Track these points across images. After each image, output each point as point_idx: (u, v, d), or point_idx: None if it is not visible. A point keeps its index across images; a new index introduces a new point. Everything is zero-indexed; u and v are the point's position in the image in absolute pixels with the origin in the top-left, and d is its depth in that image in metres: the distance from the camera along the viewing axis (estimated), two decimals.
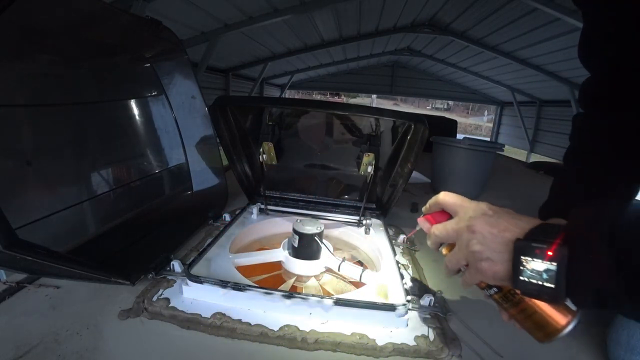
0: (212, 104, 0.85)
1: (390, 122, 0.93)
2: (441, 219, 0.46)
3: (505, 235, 0.37)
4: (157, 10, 2.79)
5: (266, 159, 0.94)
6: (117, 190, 0.88)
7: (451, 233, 0.43)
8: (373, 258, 0.88)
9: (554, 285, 0.33)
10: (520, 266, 0.35)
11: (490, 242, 0.38)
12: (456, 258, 0.43)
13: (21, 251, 0.44)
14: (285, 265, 0.79)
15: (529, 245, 0.35)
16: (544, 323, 0.38)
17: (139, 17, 0.92)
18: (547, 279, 0.33)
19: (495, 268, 0.38)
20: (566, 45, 4.07)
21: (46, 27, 0.69)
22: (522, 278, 0.35)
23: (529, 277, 0.34)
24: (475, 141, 1.44)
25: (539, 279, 0.34)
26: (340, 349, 0.53)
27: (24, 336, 0.50)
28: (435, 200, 0.48)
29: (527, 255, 0.34)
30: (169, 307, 0.58)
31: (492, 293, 0.42)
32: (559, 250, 0.33)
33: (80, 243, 0.74)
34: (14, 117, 0.66)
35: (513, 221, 0.38)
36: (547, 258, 0.33)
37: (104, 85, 0.88)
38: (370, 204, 1.06)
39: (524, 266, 0.35)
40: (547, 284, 0.33)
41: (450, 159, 1.45)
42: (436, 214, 0.47)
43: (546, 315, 0.37)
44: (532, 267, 0.34)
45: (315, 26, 4.71)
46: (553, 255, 0.33)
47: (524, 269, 0.35)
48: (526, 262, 0.34)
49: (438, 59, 7.32)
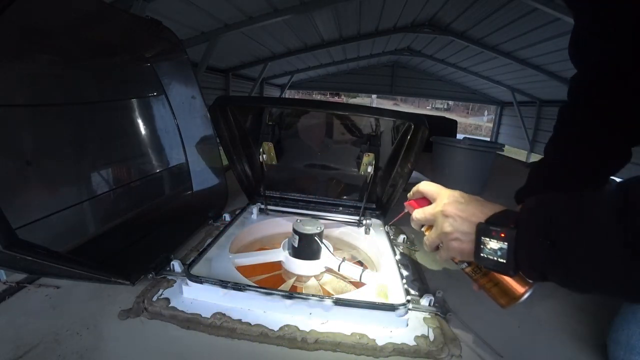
0: (212, 104, 0.85)
1: (390, 122, 0.93)
2: (423, 204, 0.54)
3: (472, 219, 0.44)
4: (157, 10, 2.79)
5: (266, 159, 0.94)
6: (117, 190, 0.88)
7: (429, 216, 0.51)
8: (373, 258, 0.88)
9: (505, 261, 0.40)
10: (481, 245, 0.42)
11: (459, 225, 0.46)
12: (432, 237, 0.51)
13: (21, 251, 0.44)
14: (285, 265, 0.79)
15: (487, 228, 0.42)
16: (505, 291, 0.46)
17: (139, 17, 0.92)
18: (500, 256, 0.41)
19: (463, 246, 0.46)
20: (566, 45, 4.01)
21: (46, 27, 0.69)
22: (482, 255, 0.43)
23: (487, 254, 0.42)
24: (475, 141, 1.44)
25: (494, 255, 0.41)
26: (340, 349, 0.53)
27: (24, 336, 0.50)
28: (417, 189, 0.56)
29: (486, 236, 0.42)
30: (169, 307, 0.58)
31: (464, 267, 0.51)
32: (509, 232, 0.40)
33: (80, 243, 0.74)
34: (14, 117, 0.66)
35: (480, 208, 0.45)
36: (500, 239, 0.41)
37: (104, 85, 0.88)
38: (370, 204, 1.06)
39: (484, 245, 0.42)
40: (500, 259, 0.41)
41: (450, 159, 1.45)
42: (419, 200, 0.56)
43: (507, 285, 0.46)
44: (490, 246, 0.42)
45: (315, 26, 4.71)
46: (504, 236, 0.40)
47: (483, 248, 0.42)
48: (486, 242, 0.42)
49: (438, 59, 7.31)
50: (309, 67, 7.74)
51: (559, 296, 0.76)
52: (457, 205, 0.47)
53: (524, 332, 0.62)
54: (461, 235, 0.46)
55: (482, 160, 1.42)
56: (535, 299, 0.74)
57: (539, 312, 0.69)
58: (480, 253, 0.43)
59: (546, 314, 0.68)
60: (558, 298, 0.75)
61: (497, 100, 9.08)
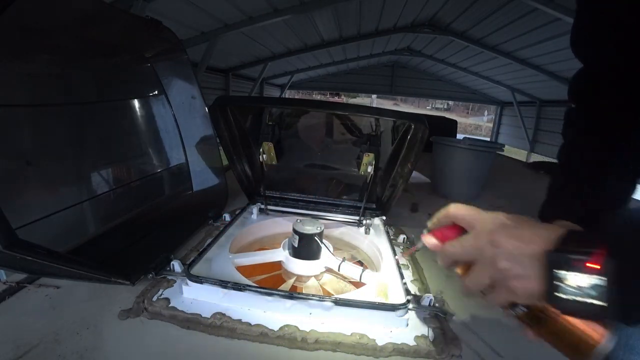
0: (212, 104, 0.85)
1: (390, 122, 0.93)
2: (450, 234, 0.41)
3: (533, 247, 0.33)
4: (157, 10, 2.79)
5: (266, 159, 0.94)
6: (117, 190, 0.88)
7: (469, 250, 0.39)
8: (373, 258, 0.88)
9: (605, 304, 0.29)
10: (557, 282, 0.31)
11: (518, 258, 0.34)
12: (480, 278, 0.38)
13: (21, 251, 0.44)
14: (285, 265, 0.79)
15: (566, 258, 0.31)
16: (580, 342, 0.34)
17: (139, 17, 0.92)
18: (595, 296, 0.30)
19: (529, 285, 0.34)
20: (566, 45, 4.00)
21: (46, 27, 0.69)
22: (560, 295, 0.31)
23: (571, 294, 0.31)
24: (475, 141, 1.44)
25: (584, 295, 0.30)
26: (340, 349, 0.53)
27: (24, 336, 0.50)
28: (445, 213, 0.42)
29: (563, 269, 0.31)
30: (169, 307, 0.58)
31: (519, 312, 0.38)
32: (608, 262, 0.29)
33: (80, 243, 0.74)
34: (14, 117, 0.66)
35: (535, 231, 0.35)
36: (591, 271, 0.30)
37: (104, 85, 0.88)
38: (370, 204, 1.06)
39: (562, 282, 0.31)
40: (595, 301, 0.30)
41: (451, 159, 1.45)
42: (444, 229, 0.42)
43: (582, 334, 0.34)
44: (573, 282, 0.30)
45: (315, 26, 4.71)
46: (601, 268, 0.29)
47: (561, 285, 0.31)
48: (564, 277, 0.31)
49: (438, 59, 7.31)
50: (309, 67, 7.74)
51: None
52: (509, 232, 0.35)
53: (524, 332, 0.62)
54: (524, 270, 0.34)
55: (482, 160, 1.42)
56: None
57: None
58: (556, 292, 0.31)
59: None
60: None
61: (497, 100, 9.07)
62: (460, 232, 0.40)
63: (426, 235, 0.43)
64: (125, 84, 0.95)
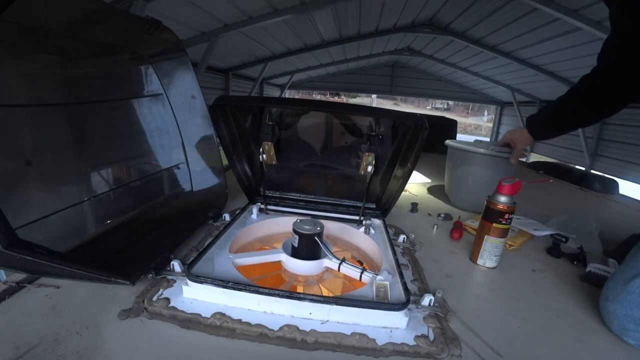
0: (212, 104, 0.85)
1: (390, 122, 0.93)
2: None
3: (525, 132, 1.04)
4: (157, 10, 2.79)
5: (266, 159, 0.94)
6: (117, 190, 0.88)
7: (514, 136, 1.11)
8: (373, 258, 0.88)
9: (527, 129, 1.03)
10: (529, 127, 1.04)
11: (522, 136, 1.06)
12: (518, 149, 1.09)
13: (21, 251, 0.44)
14: (285, 265, 0.79)
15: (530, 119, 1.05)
16: None
17: (139, 17, 0.92)
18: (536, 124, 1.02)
19: (526, 138, 1.04)
20: (566, 45, 4.07)
21: (46, 27, 0.69)
22: None
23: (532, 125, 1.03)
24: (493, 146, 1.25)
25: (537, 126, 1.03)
26: (340, 349, 0.53)
27: (24, 336, 0.50)
28: (504, 137, 1.14)
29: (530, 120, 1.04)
30: (169, 307, 0.58)
31: None
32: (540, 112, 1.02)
33: (80, 243, 0.74)
34: (14, 117, 0.66)
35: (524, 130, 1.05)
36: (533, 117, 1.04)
37: (103, 85, 0.87)
38: (370, 204, 1.06)
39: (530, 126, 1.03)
40: None
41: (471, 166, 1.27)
42: None
43: None
44: None
45: (315, 26, 4.71)
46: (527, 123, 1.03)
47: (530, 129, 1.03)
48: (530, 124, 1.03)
49: (438, 58, 7.31)
50: (309, 67, 7.74)
51: (558, 296, 0.76)
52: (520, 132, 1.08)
53: (524, 332, 0.62)
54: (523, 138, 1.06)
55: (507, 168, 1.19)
56: (535, 299, 0.74)
57: (539, 312, 0.69)
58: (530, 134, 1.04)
59: (546, 314, 0.68)
60: (558, 298, 0.75)
61: (497, 100, 9.07)
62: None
63: None
64: (125, 84, 0.95)
